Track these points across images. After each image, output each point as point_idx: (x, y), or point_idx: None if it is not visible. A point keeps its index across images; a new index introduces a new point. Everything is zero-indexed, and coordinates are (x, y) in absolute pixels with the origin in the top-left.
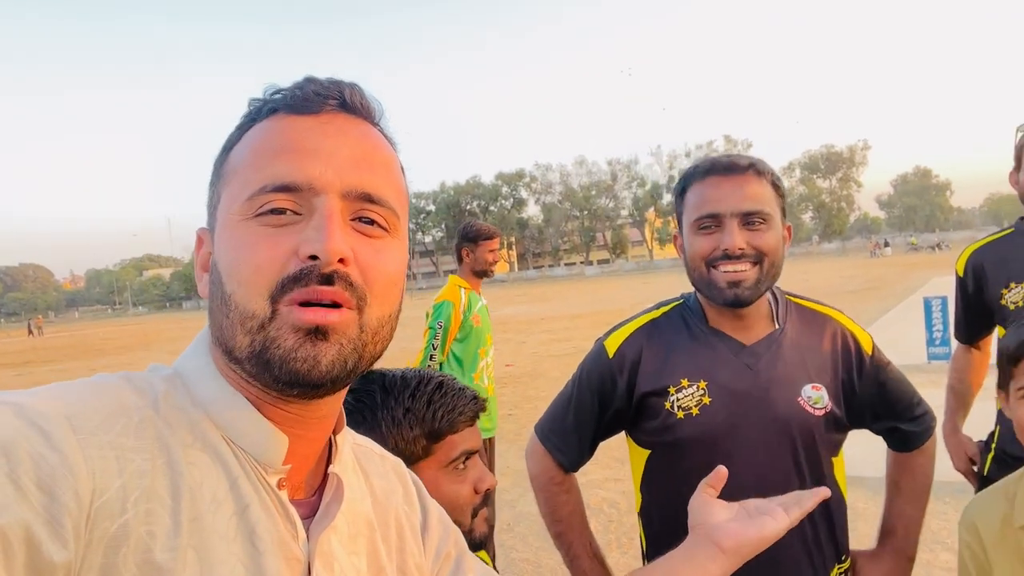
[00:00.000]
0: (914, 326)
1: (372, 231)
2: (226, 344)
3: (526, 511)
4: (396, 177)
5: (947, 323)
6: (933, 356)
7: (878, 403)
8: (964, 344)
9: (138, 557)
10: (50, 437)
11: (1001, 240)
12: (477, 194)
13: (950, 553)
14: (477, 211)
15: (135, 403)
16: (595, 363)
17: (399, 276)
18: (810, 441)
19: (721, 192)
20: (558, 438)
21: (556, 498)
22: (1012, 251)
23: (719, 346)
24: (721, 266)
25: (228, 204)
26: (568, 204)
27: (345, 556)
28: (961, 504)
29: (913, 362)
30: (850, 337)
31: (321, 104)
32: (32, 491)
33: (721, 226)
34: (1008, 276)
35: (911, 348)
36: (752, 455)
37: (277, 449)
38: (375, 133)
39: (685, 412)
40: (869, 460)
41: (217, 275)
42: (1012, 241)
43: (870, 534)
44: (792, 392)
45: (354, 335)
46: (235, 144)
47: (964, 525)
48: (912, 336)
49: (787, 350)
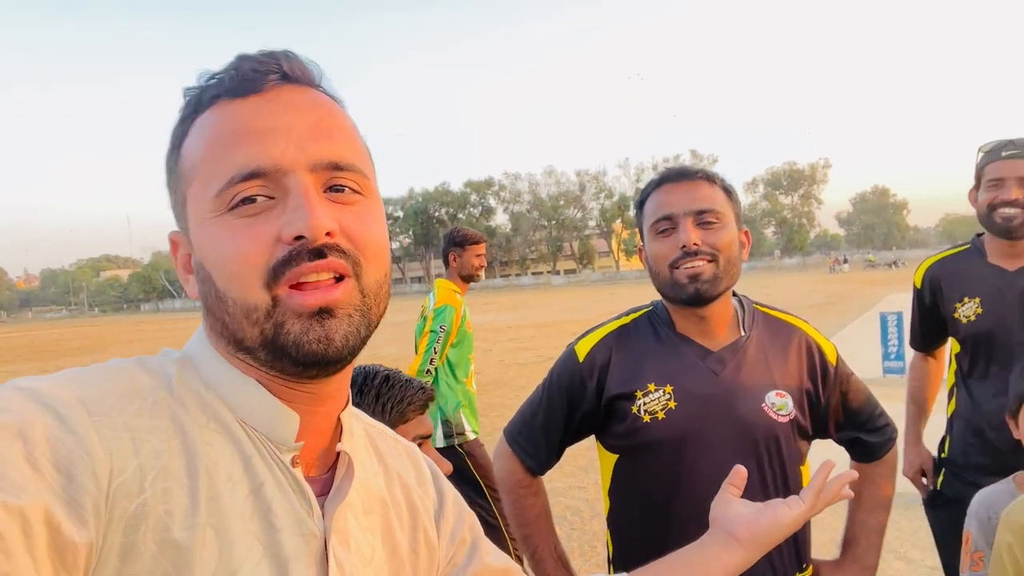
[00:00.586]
0: (870, 341)
1: (347, 198)
2: (234, 337)
3: None
4: (355, 138)
5: (902, 338)
6: (888, 370)
7: (841, 413)
8: (920, 352)
9: (157, 536)
10: (65, 420)
11: (957, 256)
12: (446, 201)
13: (903, 562)
14: (445, 218)
15: (149, 385)
16: (565, 367)
17: (385, 235)
18: (775, 447)
19: (673, 196)
20: (526, 441)
21: (523, 500)
22: (966, 267)
23: (686, 351)
24: (681, 264)
25: (197, 203)
26: (536, 213)
27: (360, 532)
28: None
29: (869, 376)
30: (815, 347)
31: (263, 81)
32: (50, 472)
33: (676, 226)
34: (962, 291)
35: (867, 362)
36: (717, 459)
37: (289, 427)
38: (323, 98)
39: (652, 416)
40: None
41: (205, 274)
42: (967, 257)
43: (827, 543)
44: (756, 398)
45: (358, 303)
46: (183, 139)
47: (1008, 525)
48: (868, 350)
49: (752, 357)
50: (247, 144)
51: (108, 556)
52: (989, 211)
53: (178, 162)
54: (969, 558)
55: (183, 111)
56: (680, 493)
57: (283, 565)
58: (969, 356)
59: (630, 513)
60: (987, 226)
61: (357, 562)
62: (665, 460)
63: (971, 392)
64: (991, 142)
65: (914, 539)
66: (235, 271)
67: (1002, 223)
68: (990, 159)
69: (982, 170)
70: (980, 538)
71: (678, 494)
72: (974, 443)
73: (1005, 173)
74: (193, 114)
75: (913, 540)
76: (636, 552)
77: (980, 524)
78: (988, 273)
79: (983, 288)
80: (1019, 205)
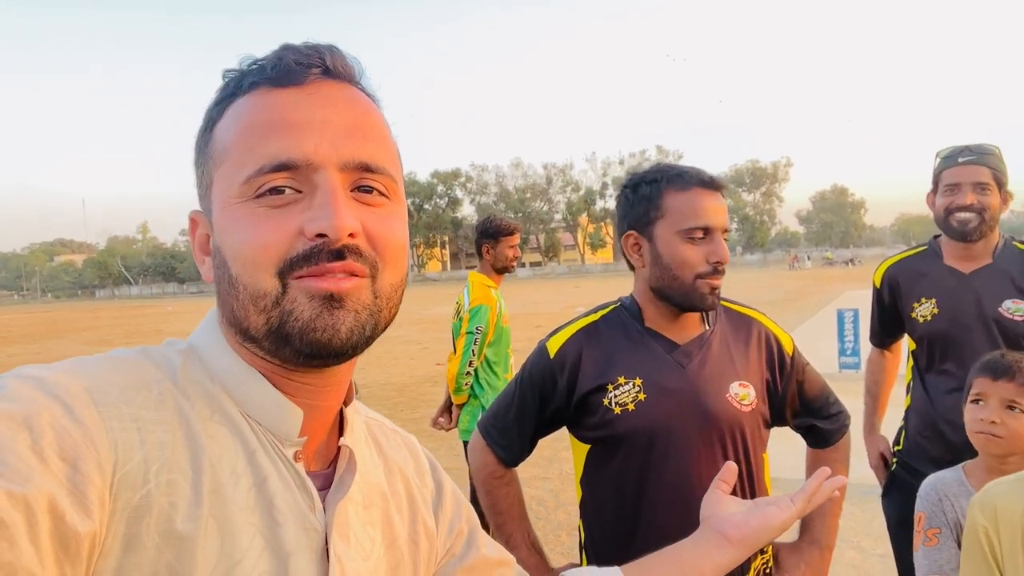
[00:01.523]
0: (827, 337)
1: (373, 199)
2: (240, 324)
3: None
4: (388, 140)
5: (858, 335)
6: (844, 366)
7: (797, 401)
8: (877, 348)
9: (161, 527)
10: (72, 410)
11: (915, 257)
12: (412, 192)
13: (855, 551)
14: (412, 209)
15: (154, 376)
16: (536, 363)
17: (406, 241)
18: (740, 436)
19: (711, 205)
20: (499, 434)
21: (496, 491)
22: (924, 268)
23: (654, 345)
24: (708, 279)
25: (224, 187)
26: (503, 205)
27: (360, 526)
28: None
29: (825, 371)
30: (773, 338)
31: (304, 74)
32: (55, 462)
33: (711, 239)
34: (919, 292)
35: (824, 357)
36: (686, 449)
37: (292, 422)
38: (361, 96)
39: (622, 408)
40: (788, 463)
41: (221, 258)
42: (924, 259)
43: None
44: (721, 389)
45: (368, 301)
46: (217, 121)
47: (982, 508)
48: (825, 346)
49: (716, 350)
50: (281, 135)
51: (111, 546)
52: (946, 215)
53: (209, 143)
54: (923, 535)
55: (220, 92)
56: (651, 481)
57: (284, 559)
58: (925, 354)
59: (602, 501)
60: (944, 229)
61: (356, 555)
62: (636, 450)
63: (927, 388)
64: (948, 148)
65: (867, 529)
66: (251, 257)
67: (958, 227)
68: (947, 164)
69: (939, 175)
70: (933, 518)
71: (649, 482)
72: (928, 436)
73: (961, 178)
74: (230, 97)
75: (866, 530)
76: (608, 539)
77: (931, 506)
78: (944, 275)
79: (939, 289)
80: (974, 210)
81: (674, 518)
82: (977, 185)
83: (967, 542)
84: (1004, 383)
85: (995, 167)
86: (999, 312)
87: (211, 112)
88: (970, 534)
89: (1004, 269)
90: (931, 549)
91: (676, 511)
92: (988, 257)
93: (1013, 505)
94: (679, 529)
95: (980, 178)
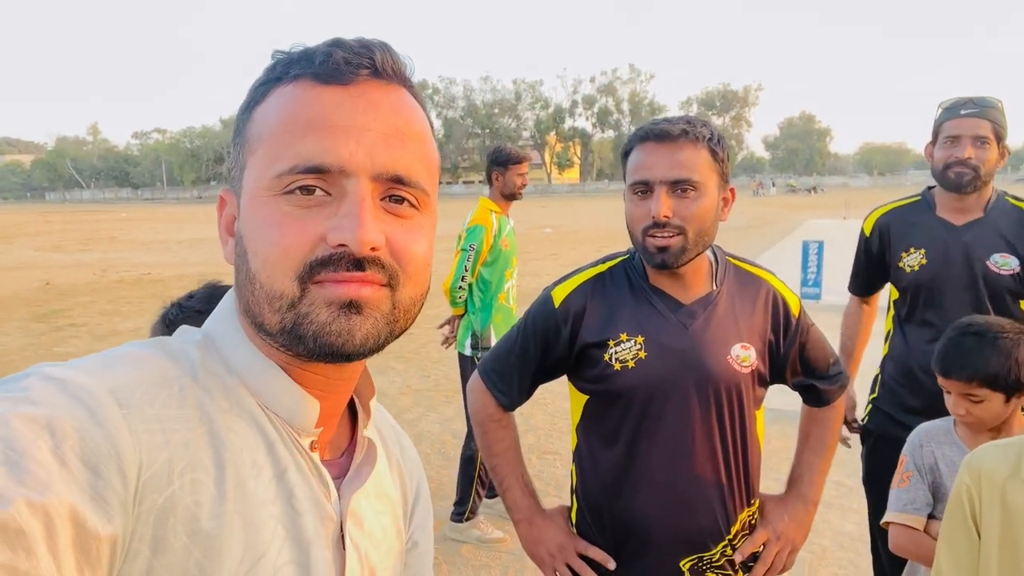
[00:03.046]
0: (789, 264)
1: (402, 211)
2: (255, 318)
3: (427, 430)
4: (428, 150)
5: (821, 266)
6: (805, 295)
7: (799, 362)
8: (857, 297)
9: (187, 527)
10: (95, 413)
11: (907, 207)
12: None
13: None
14: None
15: (174, 372)
16: (540, 312)
17: (430, 255)
18: (737, 397)
19: (653, 159)
20: (499, 378)
21: (494, 433)
22: (916, 218)
23: (658, 304)
24: (651, 233)
25: (255, 176)
26: (470, 121)
27: (373, 515)
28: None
29: None
30: (780, 300)
31: (353, 74)
32: (78, 467)
33: (650, 193)
34: (909, 241)
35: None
36: (681, 408)
37: (309, 414)
38: (407, 102)
39: (622, 364)
40: None
41: (243, 248)
42: (916, 209)
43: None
44: (723, 351)
45: (387, 310)
46: (258, 104)
47: (968, 469)
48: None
49: (721, 310)
50: (319, 136)
51: (139, 549)
52: (944, 168)
53: (247, 124)
54: (899, 476)
55: (266, 73)
56: (645, 436)
57: (305, 548)
58: (908, 303)
59: (596, 450)
60: (940, 180)
61: (370, 543)
62: (633, 405)
63: (906, 336)
64: (952, 99)
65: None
66: (272, 258)
67: (955, 178)
68: (948, 116)
69: (940, 126)
70: (911, 463)
71: (643, 437)
72: (905, 384)
73: (962, 130)
74: (275, 81)
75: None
76: (599, 486)
77: (912, 449)
78: (936, 226)
79: (929, 239)
80: (971, 164)
81: (664, 472)
82: (977, 138)
83: (951, 499)
84: (953, 381)
85: (996, 120)
86: (987, 266)
87: (254, 92)
88: (955, 492)
89: (995, 223)
90: (902, 490)
91: (667, 464)
92: (980, 211)
93: (996, 469)
94: (667, 481)
95: (980, 131)
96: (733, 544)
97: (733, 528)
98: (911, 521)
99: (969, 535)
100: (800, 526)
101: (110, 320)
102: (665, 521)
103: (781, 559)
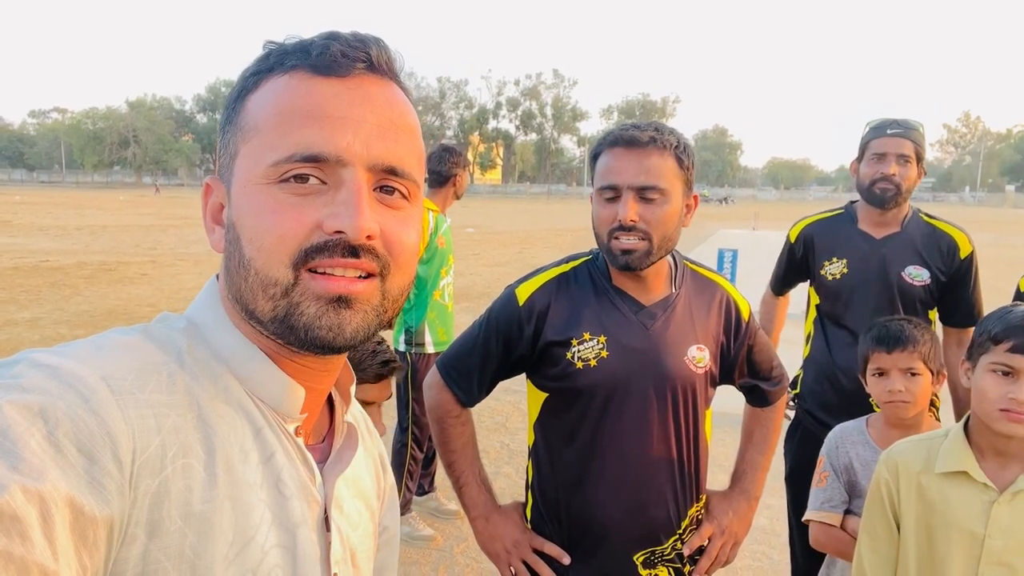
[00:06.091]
0: None
1: (394, 201)
2: (247, 305)
3: None
4: (418, 144)
5: (735, 275)
6: None
7: (746, 364)
8: (775, 294)
9: (181, 510)
10: (88, 399)
11: (831, 219)
12: None
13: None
14: None
15: (162, 359)
16: (504, 309)
17: (418, 244)
18: (691, 396)
19: (621, 164)
20: (459, 375)
21: (451, 430)
22: (838, 230)
23: (620, 304)
24: (617, 236)
25: (248, 164)
26: None
27: (350, 499)
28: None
29: None
30: (732, 304)
31: (349, 67)
32: (73, 454)
33: (618, 197)
34: (831, 251)
35: None
36: (640, 406)
37: (295, 400)
38: (399, 96)
39: (584, 363)
40: None
41: (235, 236)
42: (840, 221)
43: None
44: (680, 351)
45: (376, 302)
46: (251, 92)
47: (886, 464)
48: None
49: (679, 313)
50: (316, 127)
51: (135, 533)
52: (870, 184)
53: (239, 113)
54: (817, 475)
55: (259, 63)
56: (604, 433)
57: (291, 531)
58: (829, 309)
59: (553, 447)
60: (865, 195)
61: (349, 526)
62: (592, 404)
63: (828, 339)
64: (878, 119)
65: None
66: (267, 245)
67: (880, 194)
68: (875, 135)
69: (867, 144)
70: (828, 463)
71: (602, 434)
72: (825, 385)
73: (888, 149)
74: (269, 71)
75: None
76: (557, 482)
77: (829, 450)
78: (857, 238)
79: (850, 250)
80: (895, 181)
81: (621, 468)
82: (900, 157)
83: (871, 492)
84: (899, 354)
85: (917, 141)
86: (901, 277)
87: (246, 81)
88: (874, 485)
89: (910, 238)
90: (820, 489)
91: (624, 461)
92: (897, 225)
93: (911, 463)
94: (624, 477)
95: (904, 150)
96: (683, 538)
97: (683, 523)
98: (829, 519)
99: (888, 526)
100: (743, 520)
101: (5, 309)
102: (621, 517)
103: (724, 552)
